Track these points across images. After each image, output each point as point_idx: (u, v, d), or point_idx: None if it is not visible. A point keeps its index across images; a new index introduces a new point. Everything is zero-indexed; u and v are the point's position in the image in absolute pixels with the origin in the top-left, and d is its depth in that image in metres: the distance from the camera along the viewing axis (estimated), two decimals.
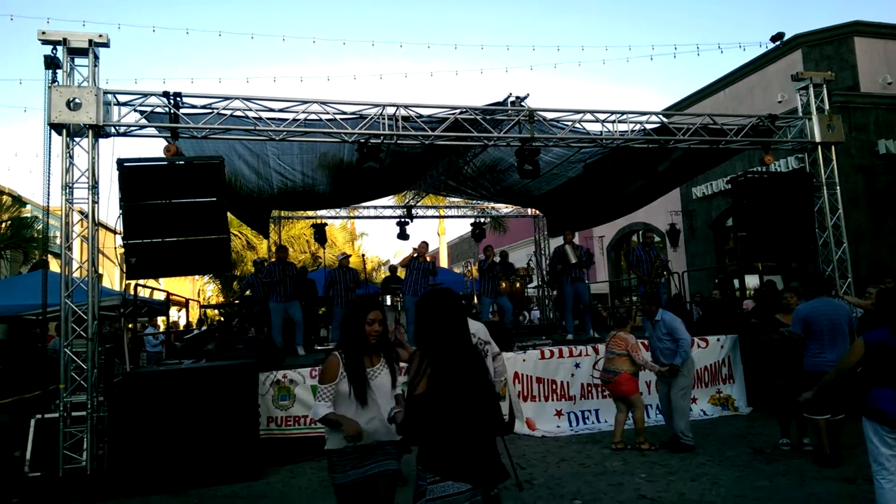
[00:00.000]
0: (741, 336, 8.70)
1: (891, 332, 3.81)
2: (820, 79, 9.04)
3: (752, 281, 16.19)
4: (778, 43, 14.84)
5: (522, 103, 8.03)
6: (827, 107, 9.01)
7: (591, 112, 8.18)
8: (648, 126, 8.50)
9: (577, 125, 8.27)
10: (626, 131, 8.35)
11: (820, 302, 5.98)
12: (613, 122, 8.22)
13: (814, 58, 14.54)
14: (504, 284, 11.04)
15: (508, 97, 8.08)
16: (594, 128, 8.30)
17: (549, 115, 8.14)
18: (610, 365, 6.80)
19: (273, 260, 10.91)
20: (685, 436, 6.52)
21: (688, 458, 6.22)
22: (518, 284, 11.54)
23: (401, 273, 11.67)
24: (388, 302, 10.61)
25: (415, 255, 10.19)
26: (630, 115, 8.33)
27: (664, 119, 8.79)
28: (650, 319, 7.03)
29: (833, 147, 8.96)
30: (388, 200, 15.95)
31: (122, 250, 6.62)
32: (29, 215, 21.13)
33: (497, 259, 10.91)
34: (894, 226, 13.82)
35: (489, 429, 2.72)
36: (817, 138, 8.83)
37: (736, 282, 16.98)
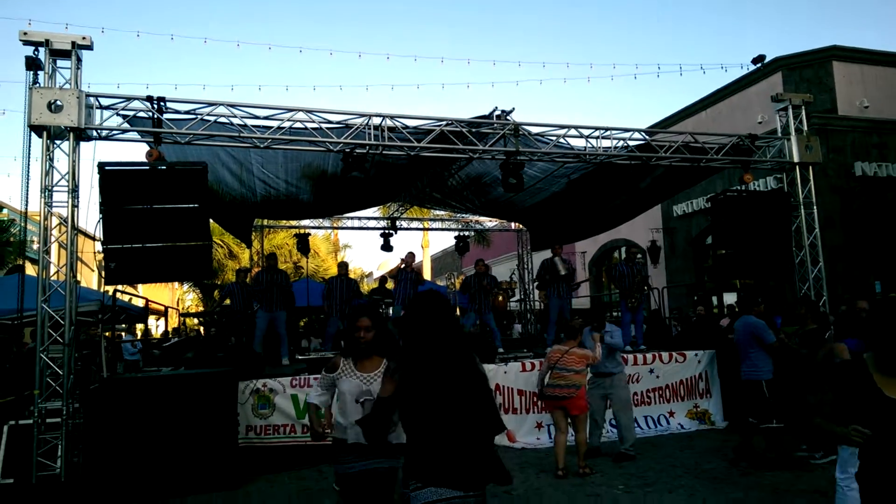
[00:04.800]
0: (719, 351, 8.79)
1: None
2: (799, 100, 9.24)
3: (729, 298, 16.40)
4: (759, 65, 15.14)
5: (508, 117, 8.08)
6: (805, 128, 9.20)
7: (576, 127, 8.26)
8: (631, 143, 8.63)
9: (562, 140, 8.35)
10: (610, 147, 8.43)
11: (738, 321, 6.78)
12: (597, 137, 8.32)
13: (793, 80, 14.86)
14: (500, 298, 11.03)
15: (494, 111, 8.13)
16: (578, 143, 8.41)
17: (534, 130, 8.21)
18: (565, 381, 6.22)
19: (259, 268, 10.73)
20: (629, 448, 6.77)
21: (666, 471, 6.26)
22: (501, 298, 11.58)
23: (390, 285, 11.63)
24: None
25: (402, 265, 10.18)
26: (613, 132, 8.42)
27: (647, 136, 8.91)
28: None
29: (811, 167, 9.15)
30: (373, 212, 15.95)
31: (101, 255, 6.54)
32: (5, 219, 20.84)
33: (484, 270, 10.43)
34: (869, 247, 14.10)
35: (475, 430, 2.62)
36: (795, 158, 9.00)
37: (714, 299, 17.21)
